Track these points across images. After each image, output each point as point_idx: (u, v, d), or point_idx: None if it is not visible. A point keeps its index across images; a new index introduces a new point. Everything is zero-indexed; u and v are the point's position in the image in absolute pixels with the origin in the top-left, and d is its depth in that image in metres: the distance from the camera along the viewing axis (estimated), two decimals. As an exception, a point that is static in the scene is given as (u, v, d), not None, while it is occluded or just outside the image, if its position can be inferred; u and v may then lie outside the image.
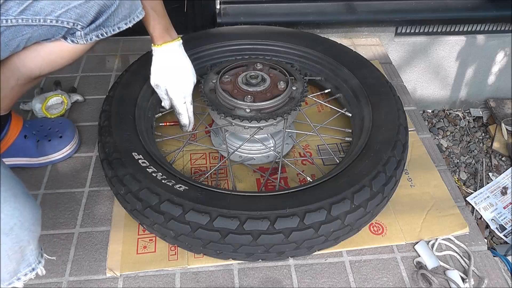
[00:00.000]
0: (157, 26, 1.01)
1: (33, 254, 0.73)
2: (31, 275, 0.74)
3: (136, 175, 0.93)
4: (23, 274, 0.73)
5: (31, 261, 0.73)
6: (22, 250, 0.70)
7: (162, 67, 1.05)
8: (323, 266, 0.99)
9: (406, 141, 1.07)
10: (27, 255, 0.72)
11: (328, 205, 0.88)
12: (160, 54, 1.04)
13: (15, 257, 0.69)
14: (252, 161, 1.19)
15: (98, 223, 1.06)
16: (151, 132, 1.17)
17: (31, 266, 0.73)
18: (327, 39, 1.41)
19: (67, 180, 1.15)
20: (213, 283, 0.95)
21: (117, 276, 0.95)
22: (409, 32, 1.82)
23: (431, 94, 2.07)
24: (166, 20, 1.04)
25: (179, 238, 0.90)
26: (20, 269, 0.72)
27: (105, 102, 1.15)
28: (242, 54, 1.35)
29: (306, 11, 1.69)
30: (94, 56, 1.60)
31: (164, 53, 1.04)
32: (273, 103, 1.06)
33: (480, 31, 1.85)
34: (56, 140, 1.17)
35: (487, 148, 1.97)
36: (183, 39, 1.37)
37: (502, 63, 1.96)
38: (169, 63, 1.05)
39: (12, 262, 0.69)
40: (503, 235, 1.63)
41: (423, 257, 1.00)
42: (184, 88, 1.07)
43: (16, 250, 0.68)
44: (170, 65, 1.05)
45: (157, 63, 1.05)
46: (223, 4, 1.68)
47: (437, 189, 1.14)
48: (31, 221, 0.69)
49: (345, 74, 1.27)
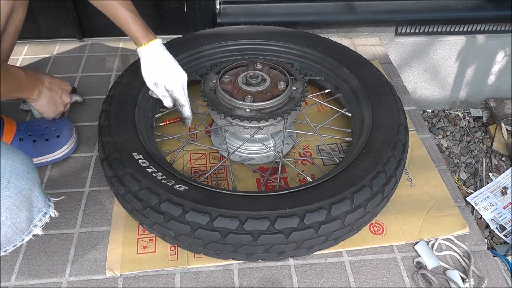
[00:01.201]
0: (138, 26, 1.02)
1: (39, 199, 0.75)
2: (45, 219, 0.77)
3: (136, 175, 0.93)
4: (37, 220, 0.76)
5: (40, 206, 0.76)
6: (27, 198, 0.72)
7: (155, 65, 1.05)
8: (323, 266, 0.99)
9: (406, 141, 1.07)
10: (34, 201, 0.74)
11: (328, 205, 0.88)
12: (149, 53, 1.04)
13: (24, 205, 0.71)
14: (252, 161, 1.19)
15: (98, 223, 1.06)
16: (151, 132, 1.17)
17: (42, 210, 0.76)
18: (327, 39, 1.41)
19: (67, 180, 1.15)
20: (213, 283, 0.95)
21: (117, 276, 0.95)
22: (409, 32, 1.82)
23: (431, 94, 2.07)
24: (142, 19, 1.04)
25: (179, 238, 0.90)
26: (33, 216, 0.75)
27: (105, 102, 1.15)
28: (242, 54, 1.35)
29: (306, 11, 1.69)
30: (94, 56, 1.60)
31: (153, 50, 1.04)
32: (273, 103, 1.06)
33: (480, 31, 1.85)
34: (53, 140, 1.17)
35: (487, 148, 1.97)
36: (183, 39, 1.38)
37: (502, 63, 1.97)
38: (160, 59, 1.05)
39: (23, 211, 0.72)
40: (503, 235, 1.63)
41: (423, 257, 1.00)
42: (181, 79, 1.07)
43: (21, 199, 0.71)
44: (162, 60, 1.05)
45: (148, 62, 1.05)
46: (223, 4, 1.68)
47: (437, 189, 1.14)
48: (26, 170, 0.72)
49: (345, 74, 1.27)
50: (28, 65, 1.54)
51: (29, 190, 0.72)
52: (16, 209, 0.70)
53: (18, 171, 0.70)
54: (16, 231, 0.72)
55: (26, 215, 0.73)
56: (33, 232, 0.75)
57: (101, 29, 1.65)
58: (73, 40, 1.67)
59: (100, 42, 1.67)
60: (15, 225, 0.71)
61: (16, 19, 1.08)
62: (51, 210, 0.78)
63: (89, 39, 1.68)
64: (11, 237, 0.71)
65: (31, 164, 0.75)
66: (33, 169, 0.74)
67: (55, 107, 1.17)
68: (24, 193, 0.71)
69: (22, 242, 0.75)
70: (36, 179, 0.75)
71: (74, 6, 1.57)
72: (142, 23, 1.04)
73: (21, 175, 0.71)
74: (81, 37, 1.66)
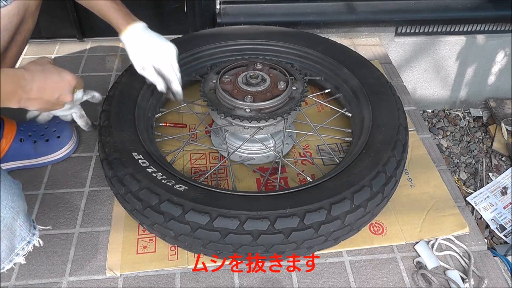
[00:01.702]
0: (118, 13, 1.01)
1: (23, 228, 0.74)
2: (28, 248, 0.75)
3: (136, 175, 0.93)
4: (20, 249, 0.74)
5: (23, 235, 0.74)
6: (8, 227, 0.70)
7: (138, 48, 1.03)
8: (323, 266, 0.99)
9: (406, 141, 1.07)
10: (16, 230, 0.73)
11: (328, 205, 0.88)
12: (132, 36, 1.02)
13: (5, 235, 0.70)
14: (252, 161, 1.19)
15: (98, 223, 1.06)
16: (151, 132, 1.17)
17: (25, 239, 0.75)
18: (327, 39, 1.40)
19: (67, 180, 1.15)
20: (213, 283, 0.95)
21: (117, 276, 0.95)
22: (409, 32, 1.82)
23: (431, 94, 2.07)
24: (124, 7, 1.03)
25: (179, 238, 0.90)
26: (15, 245, 0.73)
27: (105, 102, 1.15)
28: (242, 54, 1.35)
29: (306, 11, 1.69)
30: (94, 56, 1.60)
31: (134, 34, 1.02)
32: (273, 103, 1.06)
33: (480, 31, 1.85)
34: (54, 140, 1.17)
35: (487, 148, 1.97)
36: (183, 38, 1.38)
37: (502, 63, 1.97)
38: (142, 41, 1.03)
39: (3, 241, 0.70)
40: (503, 235, 1.63)
41: (423, 257, 1.00)
42: (167, 55, 1.06)
43: (1, 228, 0.69)
44: (144, 42, 1.03)
45: (133, 46, 1.03)
46: (223, 4, 1.68)
47: (437, 189, 1.14)
48: (9, 198, 0.71)
49: (345, 74, 1.27)
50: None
51: (11, 219, 0.71)
52: None
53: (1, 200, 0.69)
54: None
55: (7, 245, 0.71)
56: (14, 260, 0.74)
57: (101, 29, 1.65)
58: (73, 40, 1.67)
59: (100, 42, 1.67)
60: None
61: (25, 29, 1.06)
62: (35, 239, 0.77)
63: (89, 39, 1.68)
64: None
65: (18, 192, 0.73)
66: (18, 196, 0.73)
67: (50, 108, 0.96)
68: (5, 222, 0.70)
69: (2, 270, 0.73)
70: (21, 207, 0.73)
71: (74, 6, 1.57)
72: (122, 10, 1.01)
73: (3, 204, 0.69)
74: (81, 37, 1.66)
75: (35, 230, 0.77)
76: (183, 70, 1.31)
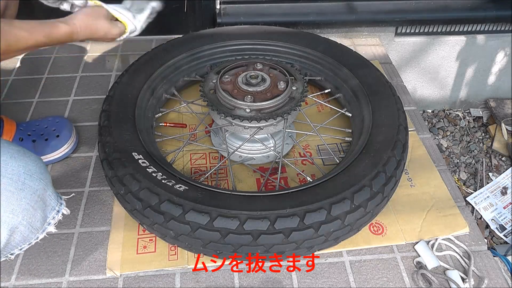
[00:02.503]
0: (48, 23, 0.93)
1: (52, 198, 0.78)
2: (58, 217, 0.79)
3: (136, 175, 0.93)
4: (51, 218, 0.78)
5: (53, 204, 0.78)
6: (41, 198, 0.74)
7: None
8: (323, 266, 0.99)
9: (406, 141, 1.07)
10: (47, 201, 0.77)
11: (328, 205, 0.88)
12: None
13: (39, 205, 0.74)
14: (252, 161, 1.19)
15: (98, 223, 1.06)
16: (151, 132, 1.17)
17: (55, 209, 0.79)
18: (327, 39, 1.40)
19: (67, 180, 1.15)
20: (213, 283, 0.95)
21: (117, 276, 0.95)
22: (409, 32, 1.82)
23: (431, 94, 2.07)
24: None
25: (179, 238, 0.90)
26: (47, 214, 0.77)
27: (105, 102, 1.15)
28: (242, 54, 1.35)
29: (306, 11, 1.69)
30: (94, 56, 1.60)
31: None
32: (273, 103, 1.06)
33: (480, 31, 1.85)
34: (53, 140, 1.17)
35: (487, 148, 1.98)
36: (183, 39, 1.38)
37: (502, 63, 1.97)
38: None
39: (38, 211, 0.74)
40: (503, 235, 1.63)
41: (423, 257, 1.00)
42: None
43: (36, 200, 0.73)
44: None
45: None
46: (223, 4, 1.68)
47: (437, 189, 1.14)
48: (38, 171, 0.74)
49: (345, 74, 1.27)
50: (27, 65, 1.54)
51: (42, 190, 0.75)
52: (31, 209, 0.72)
53: (31, 172, 0.73)
54: (32, 230, 0.74)
55: (41, 214, 0.75)
56: (47, 230, 0.78)
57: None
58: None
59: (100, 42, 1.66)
60: (31, 225, 0.73)
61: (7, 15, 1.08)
62: (63, 208, 0.81)
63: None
64: (27, 236, 0.74)
65: (43, 165, 0.77)
66: (44, 169, 0.77)
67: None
68: (39, 193, 0.74)
69: (37, 240, 0.77)
70: (48, 179, 0.77)
71: (74, 6, 1.57)
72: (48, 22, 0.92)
73: (34, 176, 0.73)
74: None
75: (62, 200, 0.81)
76: (183, 70, 1.32)
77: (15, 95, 1.41)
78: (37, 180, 0.74)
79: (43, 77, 1.49)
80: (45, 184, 0.75)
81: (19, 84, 1.46)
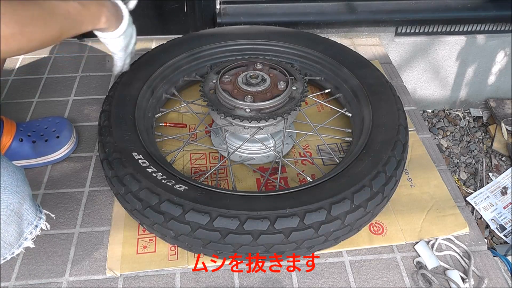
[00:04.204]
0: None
1: (30, 212, 0.75)
2: (36, 232, 0.77)
3: (136, 175, 0.93)
4: (28, 233, 0.75)
5: (30, 219, 0.75)
6: (16, 212, 0.71)
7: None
8: (323, 266, 0.99)
9: (406, 141, 1.07)
10: (24, 215, 0.73)
11: (328, 205, 0.88)
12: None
13: (13, 220, 0.71)
14: (252, 161, 1.19)
15: (98, 223, 1.06)
16: (151, 132, 1.17)
17: (32, 223, 0.76)
18: (327, 39, 1.40)
19: (67, 180, 1.15)
20: (213, 283, 0.95)
21: (117, 276, 0.95)
22: (409, 32, 1.82)
23: (431, 94, 2.07)
24: None
25: (179, 238, 0.90)
26: (23, 229, 0.74)
27: (105, 102, 1.15)
28: (242, 54, 1.35)
29: (306, 11, 1.69)
30: (94, 56, 1.60)
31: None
32: (273, 103, 1.06)
33: (480, 31, 1.85)
34: (53, 140, 1.17)
35: (487, 148, 1.98)
36: (183, 39, 1.38)
37: (502, 63, 1.97)
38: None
39: (11, 226, 0.71)
40: (503, 235, 1.63)
41: (423, 257, 1.00)
42: None
43: (9, 214, 0.70)
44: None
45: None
46: (223, 4, 1.68)
47: (437, 189, 1.14)
48: (14, 184, 0.71)
49: (345, 74, 1.27)
50: (27, 65, 1.55)
51: (18, 204, 0.72)
52: (3, 224, 0.70)
53: (6, 185, 0.70)
54: (5, 246, 0.72)
55: (15, 229, 0.72)
56: (23, 245, 0.75)
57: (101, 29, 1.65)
58: (73, 40, 1.67)
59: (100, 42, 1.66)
60: (3, 240, 0.71)
61: None
62: (42, 223, 0.78)
63: (89, 39, 1.67)
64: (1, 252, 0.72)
65: (21, 177, 0.74)
66: (22, 181, 0.73)
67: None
68: (12, 207, 0.70)
69: (12, 255, 0.74)
70: (26, 192, 0.74)
71: (74, 6, 1.57)
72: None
73: (8, 189, 0.70)
74: (81, 37, 1.66)
75: (41, 214, 0.79)
76: (183, 70, 1.32)
77: (15, 95, 1.41)
78: (12, 193, 0.70)
79: (43, 77, 1.49)
80: (21, 198, 0.72)
81: (19, 84, 1.46)
